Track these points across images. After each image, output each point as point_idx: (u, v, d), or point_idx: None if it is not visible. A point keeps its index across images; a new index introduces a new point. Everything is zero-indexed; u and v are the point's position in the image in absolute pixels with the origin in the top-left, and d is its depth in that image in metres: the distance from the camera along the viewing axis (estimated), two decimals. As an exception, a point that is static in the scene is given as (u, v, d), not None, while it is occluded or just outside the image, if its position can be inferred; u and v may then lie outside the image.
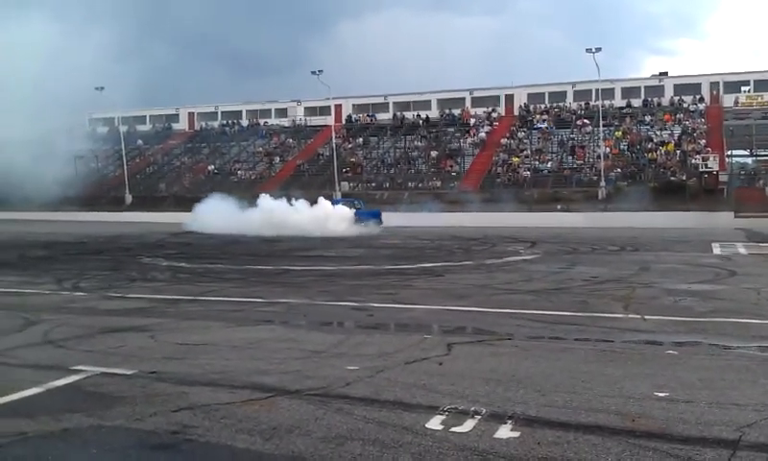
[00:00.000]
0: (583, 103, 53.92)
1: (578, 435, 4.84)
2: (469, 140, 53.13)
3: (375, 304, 11.07)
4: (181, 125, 68.59)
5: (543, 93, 56.82)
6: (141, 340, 8.34)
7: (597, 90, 48.11)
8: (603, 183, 42.85)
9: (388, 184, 50.09)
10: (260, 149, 59.98)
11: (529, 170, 47.31)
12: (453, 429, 4.91)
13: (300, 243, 25.45)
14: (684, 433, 4.85)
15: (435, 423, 5.05)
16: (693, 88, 52.86)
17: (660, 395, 5.77)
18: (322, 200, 33.55)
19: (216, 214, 32.85)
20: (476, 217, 38.47)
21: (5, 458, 4.58)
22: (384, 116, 60.88)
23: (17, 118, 46.06)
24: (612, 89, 53.50)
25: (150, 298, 12.18)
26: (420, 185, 48.75)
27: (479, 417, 5.17)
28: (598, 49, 43.72)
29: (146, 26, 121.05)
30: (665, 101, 53.08)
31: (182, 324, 9.56)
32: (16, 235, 31.67)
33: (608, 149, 46.97)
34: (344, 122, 61.08)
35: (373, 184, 50.57)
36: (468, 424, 5.01)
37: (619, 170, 45.11)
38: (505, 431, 4.89)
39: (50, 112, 48.46)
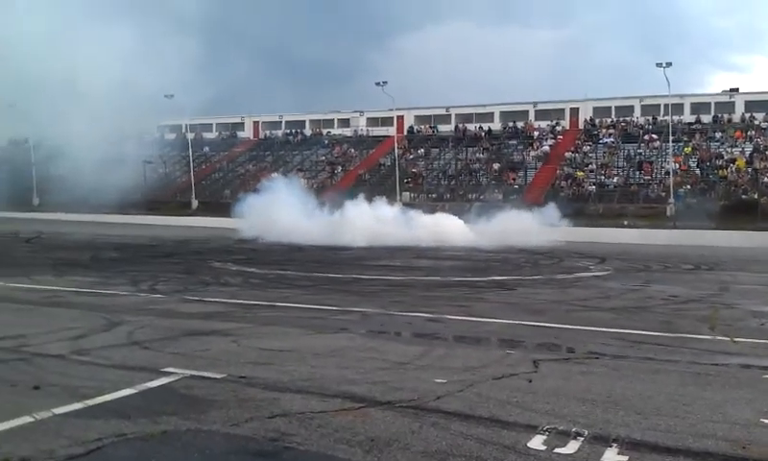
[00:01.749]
0: (650, 117, 52.77)
1: (688, 461, 4.66)
2: (533, 153, 52.51)
3: (450, 317, 10.96)
4: (246, 133, 69.65)
5: (610, 107, 55.78)
6: (225, 344, 8.40)
7: (666, 105, 47.02)
8: (671, 200, 41.78)
9: (449, 196, 49.85)
10: (323, 158, 60.45)
11: (594, 184, 46.49)
12: (557, 451, 4.77)
13: (365, 252, 25.47)
14: (803, 465, 4.62)
15: (537, 442, 4.92)
16: (765, 105, 51.18)
17: (767, 421, 5.52)
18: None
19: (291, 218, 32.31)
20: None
21: (109, 458, 4.63)
22: (446, 128, 60.67)
23: (92, 121, 47.50)
24: (681, 105, 52.18)
25: (226, 302, 12.32)
26: (481, 198, 48.33)
27: (582, 438, 5.02)
28: (668, 64, 42.65)
29: (213, 37, 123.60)
30: (736, 117, 51.53)
31: (262, 329, 9.62)
32: (87, 237, 32.55)
33: (677, 165, 45.83)
34: (405, 133, 61.09)
35: (434, 195, 50.38)
36: (572, 446, 4.86)
37: (688, 187, 43.94)
38: (612, 455, 4.73)
39: (123, 117, 49.86)
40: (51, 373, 6.82)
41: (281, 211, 33.11)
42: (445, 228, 31.86)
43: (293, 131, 66.68)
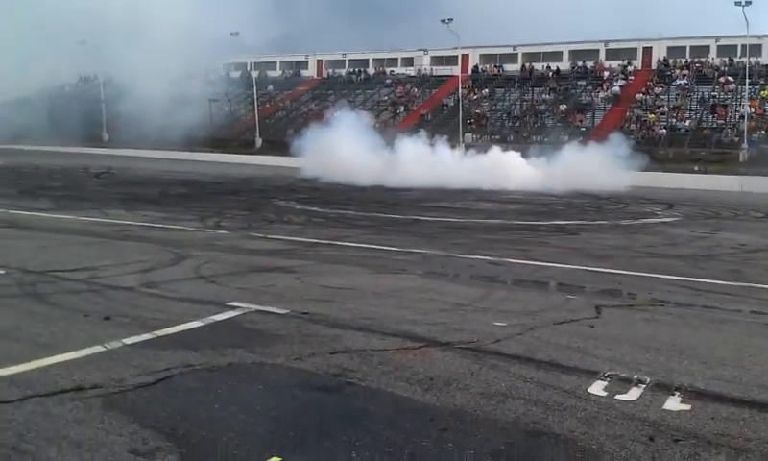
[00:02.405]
0: (726, 59, 50.55)
1: (753, 413, 4.58)
2: (602, 95, 51.04)
3: (511, 260, 10.89)
4: (310, 72, 69.64)
5: (684, 47, 53.57)
6: (288, 281, 8.57)
7: (744, 47, 44.89)
8: (745, 145, 40.22)
9: (512, 138, 49.04)
10: (385, 98, 60.10)
11: (665, 128, 45.06)
12: (618, 397, 4.74)
13: (424, 194, 25.38)
14: None
15: (597, 388, 4.90)
16: None
17: (838, 375, 5.37)
18: None
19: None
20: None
21: (176, 388, 4.79)
22: (512, 67, 59.34)
23: (159, 58, 48.19)
24: (760, 46, 49.72)
25: (289, 240, 12.51)
26: (546, 140, 47.42)
27: (644, 386, 4.97)
28: (748, 2, 40.52)
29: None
30: (817, 60, 49.02)
31: (323, 267, 9.75)
32: (155, 173, 33.33)
33: (752, 109, 43.96)
34: (470, 73, 60.08)
35: (497, 137, 49.64)
36: (634, 393, 4.83)
37: (763, 132, 42.20)
38: (674, 403, 4.68)
39: (189, 55, 50.44)
40: (121, 304, 7.08)
41: (340, 150, 32.78)
42: (506, 168, 31.22)
43: (356, 69, 66.35)
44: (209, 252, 10.69)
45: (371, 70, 66.07)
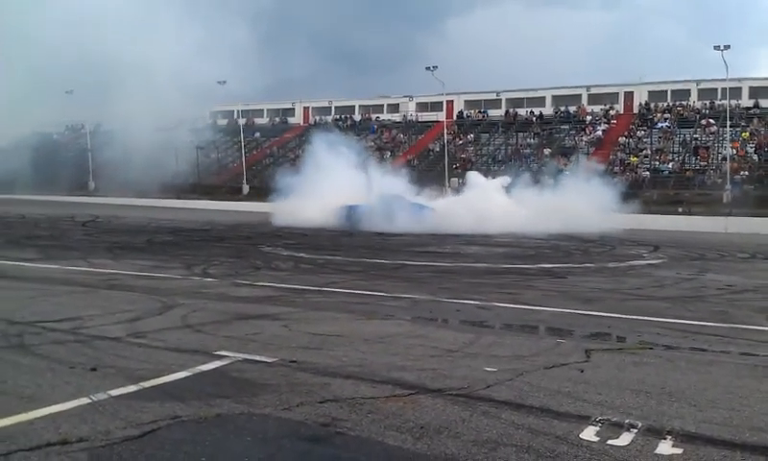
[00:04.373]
0: (707, 102, 51.44)
1: (745, 455, 4.57)
2: (585, 138, 51.72)
3: (499, 304, 10.88)
4: (297, 119, 70.27)
5: (665, 91, 54.54)
6: (275, 328, 8.51)
7: (724, 89, 45.70)
8: (728, 187, 40.69)
9: (498, 181, 49.39)
10: (371, 144, 60.52)
11: (648, 170, 45.59)
12: (610, 442, 4.71)
13: (412, 239, 25.41)
14: None
15: (589, 434, 4.86)
16: (827, 89, 49.51)
17: (828, 417, 5.36)
18: None
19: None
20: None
21: (163, 441, 4.70)
22: (496, 113, 60.14)
23: (147, 107, 48.48)
24: (740, 88, 50.70)
25: (276, 287, 12.46)
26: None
27: (635, 430, 4.94)
28: (727, 47, 41.40)
29: (265, 24, 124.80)
30: (797, 102, 49.93)
31: (312, 314, 9.70)
32: (142, 221, 33.26)
33: (734, 151, 44.58)
34: (455, 118, 60.75)
35: (484, 181, 49.97)
36: (626, 438, 4.80)
37: (746, 173, 42.77)
38: (666, 447, 4.65)
39: (177, 103, 50.77)
40: (108, 355, 7.00)
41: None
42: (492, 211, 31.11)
43: (342, 116, 66.98)
44: (196, 300, 10.62)
45: (356, 117, 66.71)
